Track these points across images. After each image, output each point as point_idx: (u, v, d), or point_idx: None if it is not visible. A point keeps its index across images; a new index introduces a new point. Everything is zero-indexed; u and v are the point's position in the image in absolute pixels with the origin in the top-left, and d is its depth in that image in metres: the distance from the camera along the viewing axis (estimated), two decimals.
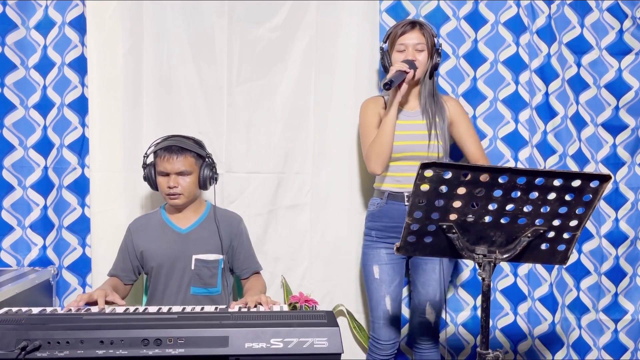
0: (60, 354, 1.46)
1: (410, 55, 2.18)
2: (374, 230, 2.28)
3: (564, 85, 2.56)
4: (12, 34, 2.43)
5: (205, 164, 2.14)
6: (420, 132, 2.21)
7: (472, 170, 1.48)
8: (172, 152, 2.07)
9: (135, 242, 2.15)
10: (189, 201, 2.14)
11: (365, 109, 2.31)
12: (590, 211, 1.54)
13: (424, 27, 2.23)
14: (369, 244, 2.30)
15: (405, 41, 2.20)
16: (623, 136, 2.60)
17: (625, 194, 2.61)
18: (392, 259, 2.26)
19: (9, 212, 2.48)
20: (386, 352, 2.27)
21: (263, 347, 1.48)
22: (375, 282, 2.26)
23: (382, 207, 2.26)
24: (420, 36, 2.21)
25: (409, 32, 2.20)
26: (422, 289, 2.27)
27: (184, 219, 2.16)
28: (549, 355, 2.61)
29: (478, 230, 1.57)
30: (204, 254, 2.12)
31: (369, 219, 2.32)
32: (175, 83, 2.46)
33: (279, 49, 2.49)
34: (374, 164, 2.19)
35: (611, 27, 2.56)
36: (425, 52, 2.21)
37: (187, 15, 2.45)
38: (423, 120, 2.23)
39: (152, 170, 2.13)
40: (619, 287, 2.64)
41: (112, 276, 2.15)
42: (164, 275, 2.12)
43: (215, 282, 2.14)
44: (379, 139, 2.17)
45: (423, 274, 2.27)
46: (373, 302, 2.28)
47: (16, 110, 2.45)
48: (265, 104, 2.50)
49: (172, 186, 2.07)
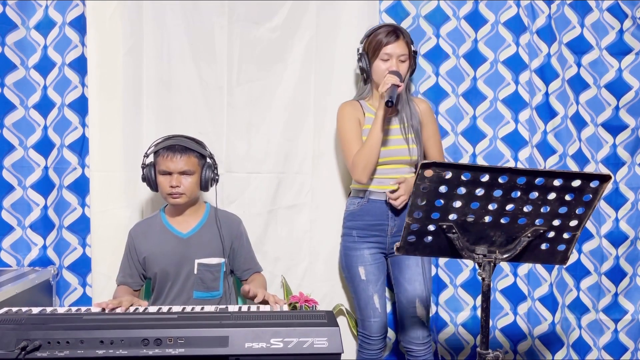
0: (60, 354, 1.46)
1: (395, 66, 2.21)
2: (355, 230, 2.30)
3: (564, 85, 2.56)
4: (12, 34, 2.42)
5: (207, 165, 2.14)
6: (398, 137, 2.27)
7: (472, 171, 1.49)
8: (176, 151, 2.06)
9: (137, 248, 2.15)
10: (190, 202, 2.13)
11: (343, 114, 2.32)
12: (590, 211, 1.54)
13: (406, 35, 2.27)
14: (350, 245, 2.32)
15: (390, 51, 2.22)
16: (623, 136, 2.60)
17: (625, 194, 2.61)
18: (375, 258, 2.30)
19: (9, 212, 2.48)
20: (377, 346, 2.30)
21: (263, 347, 1.48)
22: (363, 282, 2.29)
23: (364, 205, 2.29)
24: (404, 46, 2.24)
25: (394, 42, 2.22)
26: (408, 286, 2.28)
27: (184, 223, 2.15)
28: (549, 355, 2.61)
29: (478, 230, 1.57)
30: (207, 258, 2.12)
31: (349, 219, 2.33)
32: (175, 83, 2.46)
33: (279, 49, 2.49)
34: (361, 174, 2.22)
35: (611, 27, 2.56)
36: (407, 62, 2.26)
37: (187, 15, 2.45)
38: (398, 124, 2.28)
39: (152, 170, 2.12)
40: (619, 287, 2.64)
41: (121, 284, 2.14)
42: (167, 281, 2.12)
43: (218, 285, 2.13)
44: (367, 152, 2.20)
45: (407, 269, 2.29)
46: (362, 302, 2.30)
47: (16, 110, 2.45)
48: (265, 104, 2.50)
49: (175, 185, 2.06)
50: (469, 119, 2.56)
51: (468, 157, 2.56)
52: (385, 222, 2.27)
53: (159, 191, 2.13)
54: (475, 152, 2.56)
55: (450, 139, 2.54)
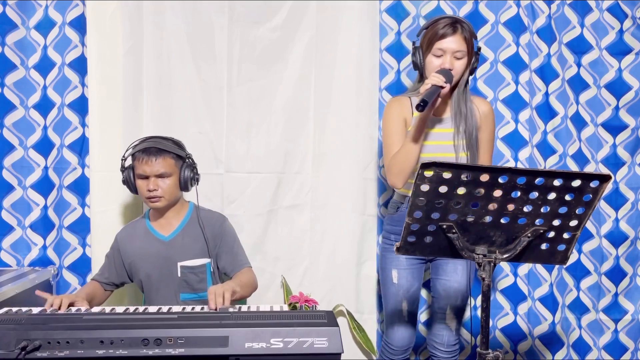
0: (60, 354, 1.46)
1: (448, 64, 1.98)
2: (393, 235, 2.16)
3: (564, 85, 2.56)
4: (12, 34, 2.43)
5: (185, 165, 2.09)
6: (448, 143, 2.06)
7: (472, 170, 1.49)
8: (151, 154, 2.02)
9: (122, 252, 2.14)
10: (170, 204, 2.10)
11: (389, 112, 2.11)
12: (590, 211, 1.54)
13: (465, 29, 2.00)
14: (387, 247, 2.19)
15: (445, 46, 1.98)
16: (623, 136, 2.60)
17: (625, 194, 2.61)
18: (411, 264, 2.15)
19: (9, 212, 2.48)
20: (398, 357, 2.20)
21: (263, 347, 1.48)
22: (394, 286, 2.17)
23: (404, 211, 2.06)
24: (462, 42, 1.98)
25: (450, 36, 1.97)
26: (443, 292, 2.16)
27: (166, 225, 2.13)
28: (549, 355, 2.61)
29: (478, 230, 1.57)
30: (189, 260, 2.09)
31: (389, 223, 2.22)
32: (175, 83, 2.46)
33: (279, 49, 2.49)
34: (395, 178, 2.04)
35: (611, 27, 2.56)
36: (465, 59, 2.00)
37: (187, 15, 2.44)
38: (452, 128, 2.06)
39: (131, 174, 2.08)
40: (619, 287, 2.64)
41: (93, 280, 2.15)
42: (153, 284, 2.11)
43: (205, 286, 2.09)
44: (403, 156, 2.00)
45: (444, 274, 2.16)
46: (389, 306, 2.19)
47: (16, 110, 2.45)
48: (265, 104, 2.50)
49: (152, 189, 2.03)
50: None
51: None
52: None
53: (139, 195, 2.11)
54: None
55: None
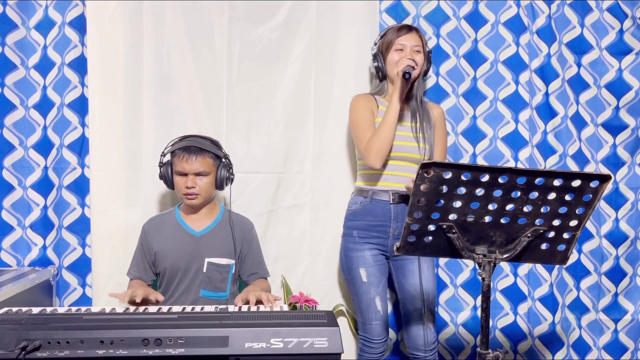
0: (60, 354, 1.46)
1: (409, 55, 2.21)
2: (356, 230, 2.26)
3: (564, 85, 2.56)
4: (12, 34, 2.42)
5: (222, 165, 2.15)
6: (409, 134, 2.24)
7: (472, 170, 1.49)
8: (191, 153, 2.08)
9: (149, 241, 2.16)
10: (206, 201, 2.15)
11: (357, 104, 2.29)
12: (590, 211, 1.54)
13: (419, 31, 2.29)
14: (351, 246, 2.27)
15: (404, 41, 2.23)
16: (623, 136, 2.60)
17: (625, 194, 2.61)
18: (376, 260, 2.25)
19: (9, 212, 2.48)
20: (379, 349, 2.25)
21: (263, 347, 1.48)
22: (364, 285, 2.24)
23: (366, 205, 2.25)
24: (418, 39, 2.26)
25: (408, 34, 2.24)
26: (415, 292, 2.23)
27: (198, 221, 2.16)
28: (549, 355, 2.61)
29: (478, 230, 1.57)
30: (217, 258, 2.13)
31: (350, 218, 2.29)
32: (175, 83, 2.46)
33: (279, 49, 2.49)
34: (374, 158, 2.16)
35: (611, 27, 2.56)
36: (422, 54, 2.25)
37: (187, 15, 2.45)
38: (410, 123, 2.26)
39: (169, 170, 2.14)
40: (619, 287, 2.64)
41: (134, 278, 2.15)
42: (176, 277, 2.13)
43: (225, 286, 2.14)
44: (382, 133, 2.16)
45: (411, 275, 2.24)
46: (363, 304, 2.25)
47: (16, 110, 2.45)
48: (265, 104, 2.50)
49: (190, 186, 2.08)
50: (469, 119, 2.56)
51: (468, 157, 2.56)
52: (387, 223, 2.23)
53: (175, 190, 2.15)
54: (475, 152, 2.56)
55: (450, 139, 2.53)
